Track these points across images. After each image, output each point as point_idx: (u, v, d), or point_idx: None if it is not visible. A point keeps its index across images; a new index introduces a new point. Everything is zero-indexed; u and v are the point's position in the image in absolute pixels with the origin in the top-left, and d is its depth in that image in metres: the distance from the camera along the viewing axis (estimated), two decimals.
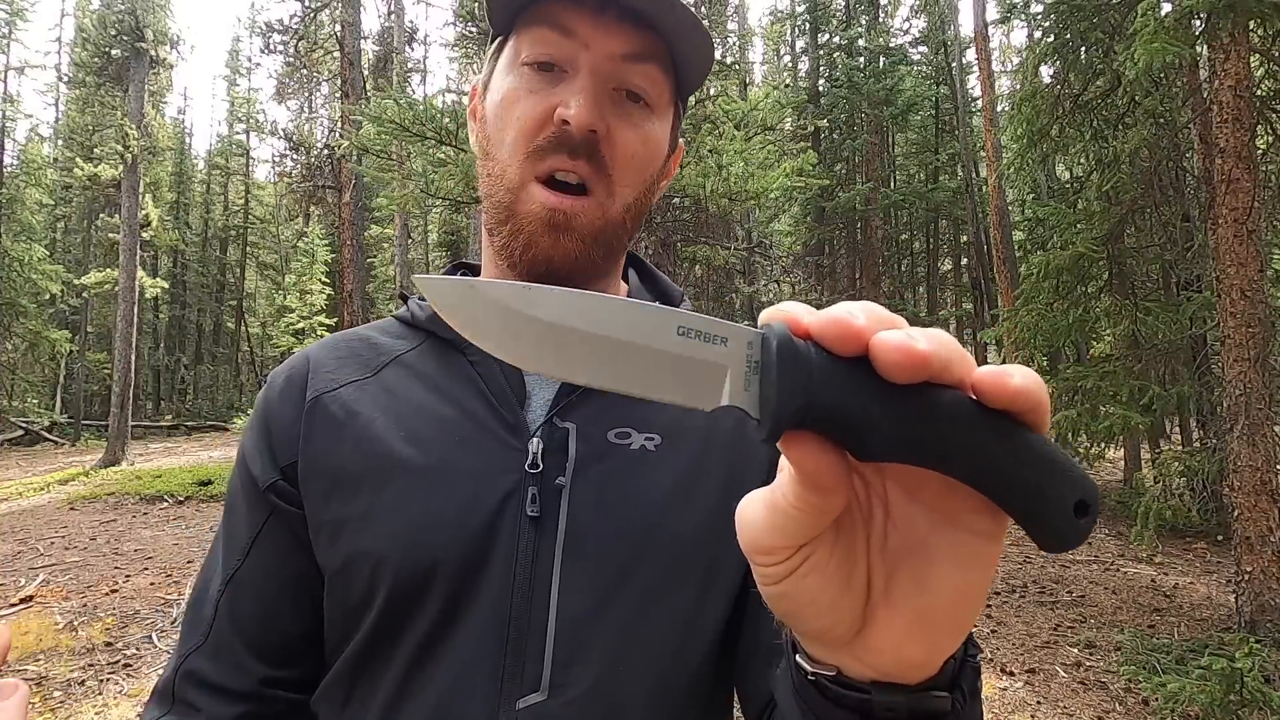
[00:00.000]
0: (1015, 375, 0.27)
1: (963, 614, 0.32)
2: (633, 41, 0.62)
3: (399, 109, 5.75)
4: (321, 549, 0.63)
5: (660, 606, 0.59)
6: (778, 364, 0.28)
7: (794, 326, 0.29)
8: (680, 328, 0.30)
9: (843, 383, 0.28)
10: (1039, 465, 0.28)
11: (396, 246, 16.80)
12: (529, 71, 0.63)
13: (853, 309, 0.29)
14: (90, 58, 15.23)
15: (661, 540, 0.60)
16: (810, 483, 0.29)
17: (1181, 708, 3.44)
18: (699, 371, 0.30)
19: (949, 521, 0.31)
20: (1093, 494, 0.28)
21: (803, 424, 0.28)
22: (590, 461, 0.62)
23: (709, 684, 0.62)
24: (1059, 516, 0.28)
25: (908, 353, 0.26)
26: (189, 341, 27.95)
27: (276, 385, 0.69)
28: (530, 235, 0.63)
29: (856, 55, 16.36)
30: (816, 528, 0.31)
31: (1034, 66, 6.65)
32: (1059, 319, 6.27)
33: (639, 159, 0.65)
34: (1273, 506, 4.26)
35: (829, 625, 0.33)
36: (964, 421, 0.27)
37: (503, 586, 0.58)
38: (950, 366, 0.28)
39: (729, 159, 6.09)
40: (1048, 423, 0.29)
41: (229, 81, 31.04)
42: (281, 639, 0.64)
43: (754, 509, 0.32)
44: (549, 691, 0.56)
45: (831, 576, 0.32)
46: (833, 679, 0.35)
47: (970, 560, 0.31)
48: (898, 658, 0.33)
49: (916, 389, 0.27)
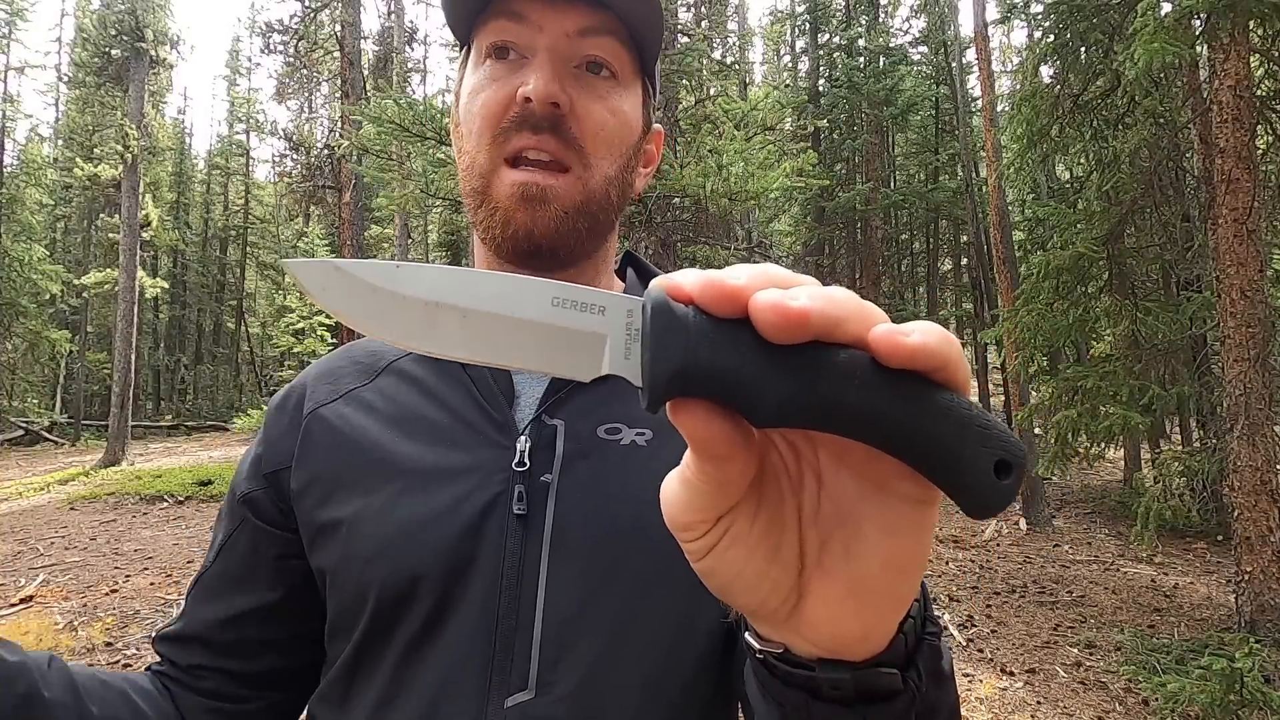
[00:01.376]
0: (913, 332, 0.26)
1: (897, 584, 0.31)
2: (585, 17, 0.63)
3: (399, 109, 5.75)
4: (318, 552, 0.65)
5: (650, 604, 0.59)
6: (652, 328, 0.27)
7: (673, 292, 0.28)
8: (556, 299, 0.29)
9: (721, 345, 0.27)
10: (949, 425, 0.26)
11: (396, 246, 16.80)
12: (490, 62, 0.65)
13: (735, 270, 0.28)
14: (90, 58, 15.24)
15: (650, 537, 0.59)
16: (703, 451, 0.28)
17: (1181, 708, 3.44)
18: (576, 341, 0.29)
19: (876, 488, 0.30)
20: (1015, 453, 0.26)
21: (685, 390, 0.27)
22: (578, 458, 0.62)
23: (707, 685, 0.61)
24: (977, 478, 0.26)
25: (782, 311, 0.25)
26: (189, 341, 27.94)
27: (278, 399, 0.73)
28: (507, 212, 0.63)
29: (856, 55, 16.36)
30: (726, 498, 0.30)
31: (1034, 66, 6.65)
32: (1059, 319, 6.27)
33: (609, 129, 0.65)
34: (1273, 506, 4.26)
35: (762, 599, 0.32)
36: (858, 382, 0.26)
37: (490, 585, 0.58)
38: (844, 324, 0.26)
39: (729, 159, 6.08)
40: (964, 380, 0.27)
41: (229, 81, 31.05)
42: (225, 638, 0.69)
43: (670, 486, 0.32)
44: (536, 690, 0.56)
45: (754, 548, 0.31)
46: (780, 657, 0.35)
47: (899, 527, 0.30)
48: (834, 631, 0.32)
49: (805, 349, 0.26)
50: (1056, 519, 8.48)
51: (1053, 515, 8.43)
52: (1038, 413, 6.74)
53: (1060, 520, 8.57)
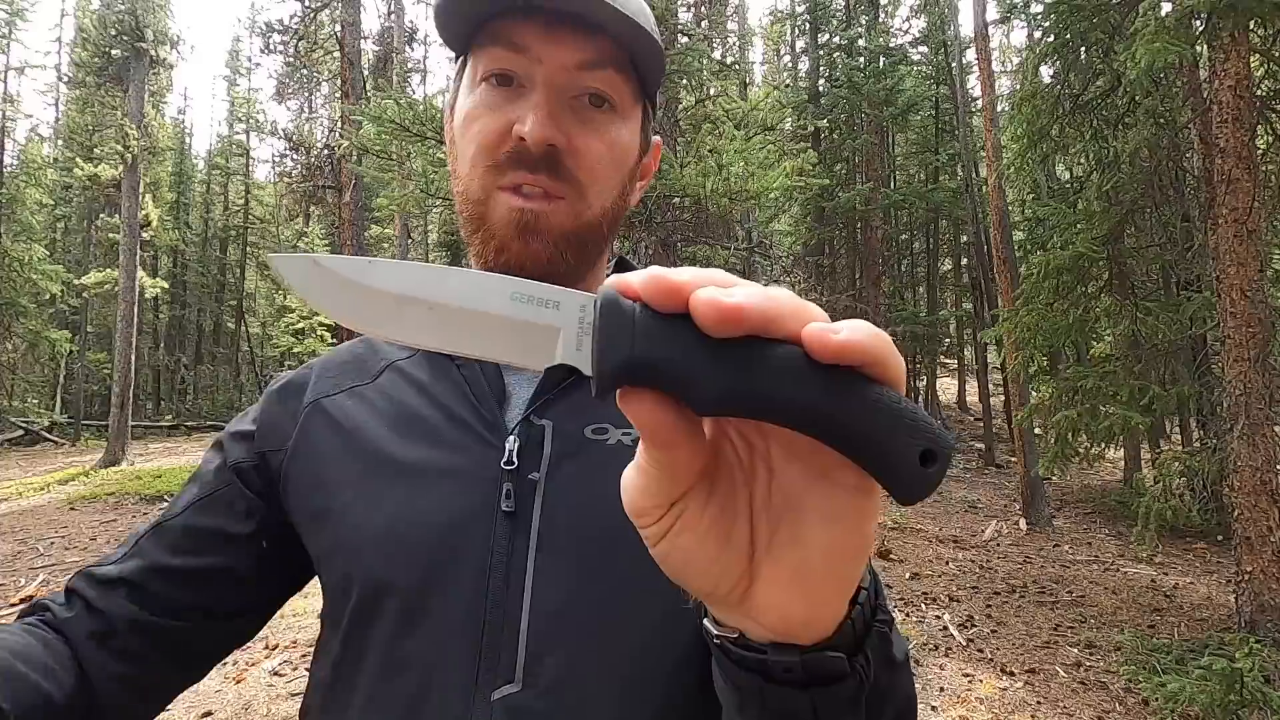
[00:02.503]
0: (841, 330, 0.28)
1: (839, 569, 0.33)
2: (586, 50, 0.63)
3: (399, 109, 5.76)
4: (309, 537, 0.66)
5: (635, 599, 0.59)
6: (600, 321, 0.30)
7: (622, 289, 0.30)
8: (515, 294, 0.32)
9: (664, 338, 0.29)
10: (878, 417, 0.28)
11: (396, 246, 16.81)
12: (487, 87, 0.65)
13: (681, 270, 0.30)
14: (90, 58, 15.23)
15: (635, 533, 0.59)
16: (650, 439, 0.30)
17: (1181, 708, 3.45)
18: (532, 333, 0.32)
19: (820, 477, 0.32)
20: (940, 443, 0.28)
21: (632, 380, 0.29)
22: (565, 457, 0.63)
23: (691, 678, 0.61)
24: (904, 467, 0.28)
25: (718, 307, 0.27)
26: (189, 341, 27.94)
27: (279, 384, 0.74)
28: (501, 240, 0.64)
29: (856, 55, 16.35)
30: (675, 484, 0.32)
31: (1034, 66, 6.65)
32: (1059, 319, 6.27)
33: (606, 163, 0.66)
34: (1273, 506, 4.26)
35: (713, 584, 0.34)
36: (791, 375, 0.28)
37: (477, 581, 0.59)
38: (778, 321, 0.28)
39: (729, 159, 6.09)
40: (896, 375, 0.29)
41: (229, 81, 31.06)
42: (174, 595, 0.65)
43: (628, 473, 0.34)
44: (523, 683, 0.57)
45: (705, 534, 0.33)
46: (735, 641, 0.36)
47: (840, 513, 0.32)
48: (782, 614, 0.34)
49: (741, 343, 0.28)
50: (1056, 519, 8.49)
51: (1053, 515, 8.44)
52: (1038, 413, 6.73)
53: (1060, 520, 8.58)
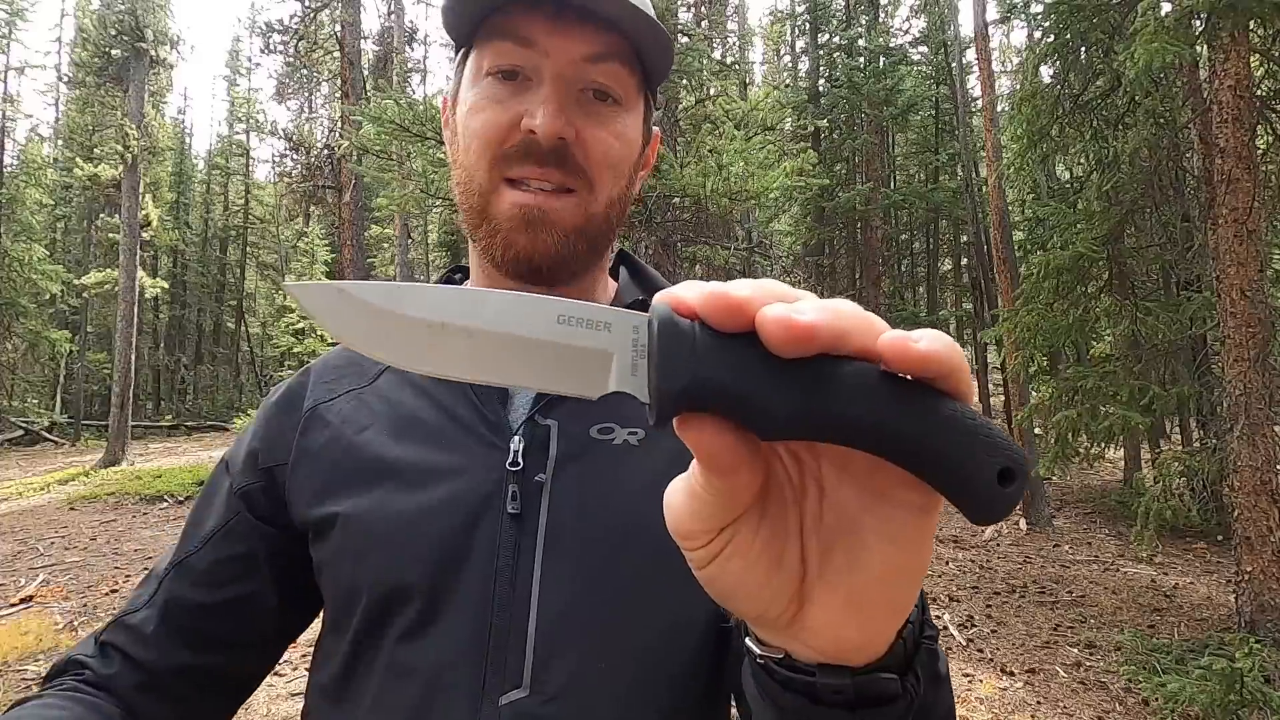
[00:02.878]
0: (921, 340, 0.26)
1: (897, 592, 0.32)
2: (593, 43, 0.62)
3: (399, 109, 5.75)
4: (315, 547, 0.65)
5: (642, 602, 0.59)
6: (658, 344, 0.27)
7: (678, 306, 0.28)
8: (561, 316, 0.29)
9: (728, 360, 0.27)
10: (955, 434, 0.26)
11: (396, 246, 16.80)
12: (493, 81, 0.64)
13: (739, 284, 0.28)
14: (90, 58, 15.22)
15: (642, 535, 0.60)
16: (710, 465, 0.29)
17: (1181, 708, 3.45)
18: (583, 359, 0.29)
19: (878, 497, 0.30)
20: (1018, 461, 0.27)
21: (692, 405, 0.27)
22: (571, 458, 0.62)
23: (698, 682, 0.61)
24: (981, 486, 0.27)
25: (789, 326, 0.26)
26: (189, 341, 27.94)
27: (275, 395, 0.73)
28: (507, 234, 0.63)
29: (856, 55, 16.35)
30: (730, 510, 0.30)
31: (1034, 66, 6.65)
32: (1059, 319, 6.26)
33: (614, 155, 0.65)
34: (1273, 506, 4.26)
35: (764, 607, 0.33)
36: (866, 393, 0.26)
37: (484, 584, 0.58)
38: (848, 336, 0.26)
39: (729, 159, 6.09)
40: (969, 388, 0.28)
41: (229, 81, 31.05)
42: (210, 633, 0.67)
43: (674, 494, 0.32)
44: (530, 688, 0.56)
45: (757, 558, 0.32)
46: (780, 662, 0.35)
47: (900, 535, 0.30)
48: (835, 637, 0.33)
49: (811, 362, 0.26)
50: (1056, 519, 8.48)
51: (1053, 515, 8.43)
52: (1038, 413, 6.73)
53: (1060, 520, 8.57)
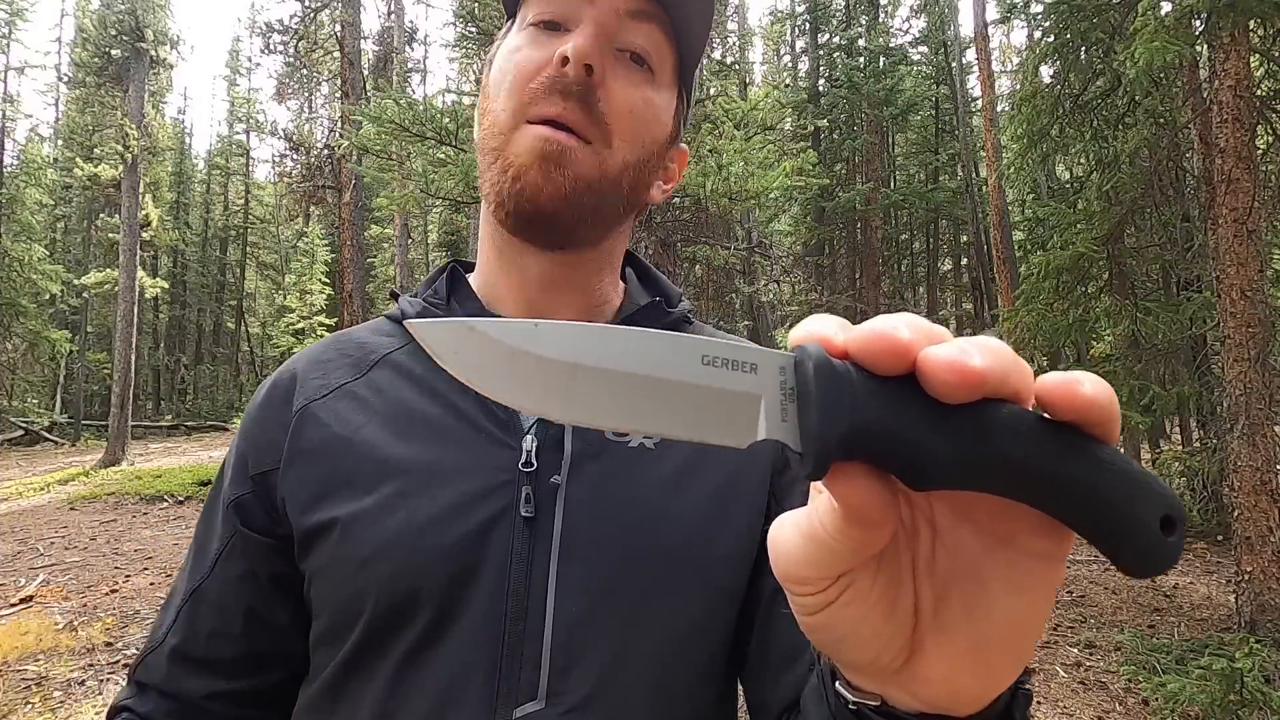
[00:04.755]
0: (1085, 383, 0.25)
1: (1021, 642, 0.30)
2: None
3: (399, 109, 5.75)
4: (308, 556, 0.62)
5: (660, 607, 0.57)
6: (815, 389, 0.25)
7: (829, 347, 0.26)
8: (705, 357, 0.27)
9: (889, 406, 0.25)
10: (1117, 481, 0.25)
11: (396, 246, 16.80)
12: (534, 30, 0.63)
13: (894, 322, 0.26)
14: (90, 58, 15.22)
15: (659, 538, 0.58)
16: (855, 517, 0.27)
17: (1181, 708, 3.44)
18: (730, 404, 0.27)
19: (1003, 543, 0.29)
20: (1178, 509, 0.26)
21: (848, 454, 0.26)
22: (587, 460, 0.60)
23: (714, 689, 0.61)
24: (1145, 536, 0.25)
25: (962, 371, 0.24)
26: (189, 341, 27.94)
27: (262, 395, 0.69)
28: (520, 168, 0.60)
29: (856, 55, 16.34)
30: (857, 560, 0.28)
31: (1034, 66, 6.65)
32: (1059, 319, 6.26)
33: (637, 114, 0.63)
34: (1273, 506, 4.26)
35: (873, 656, 0.31)
36: (1027, 438, 0.25)
37: (496, 591, 0.56)
38: (1008, 379, 0.25)
39: (729, 159, 6.08)
40: (1116, 434, 0.26)
41: (229, 81, 31.06)
42: (235, 654, 0.65)
43: (789, 537, 0.30)
44: (546, 700, 0.54)
45: (874, 606, 0.30)
46: (877, 709, 0.33)
47: (1027, 584, 0.29)
48: (950, 689, 0.31)
49: (972, 407, 0.25)
50: None
51: None
52: None
53: None
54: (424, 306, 0.68)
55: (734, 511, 0.62)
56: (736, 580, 0.61)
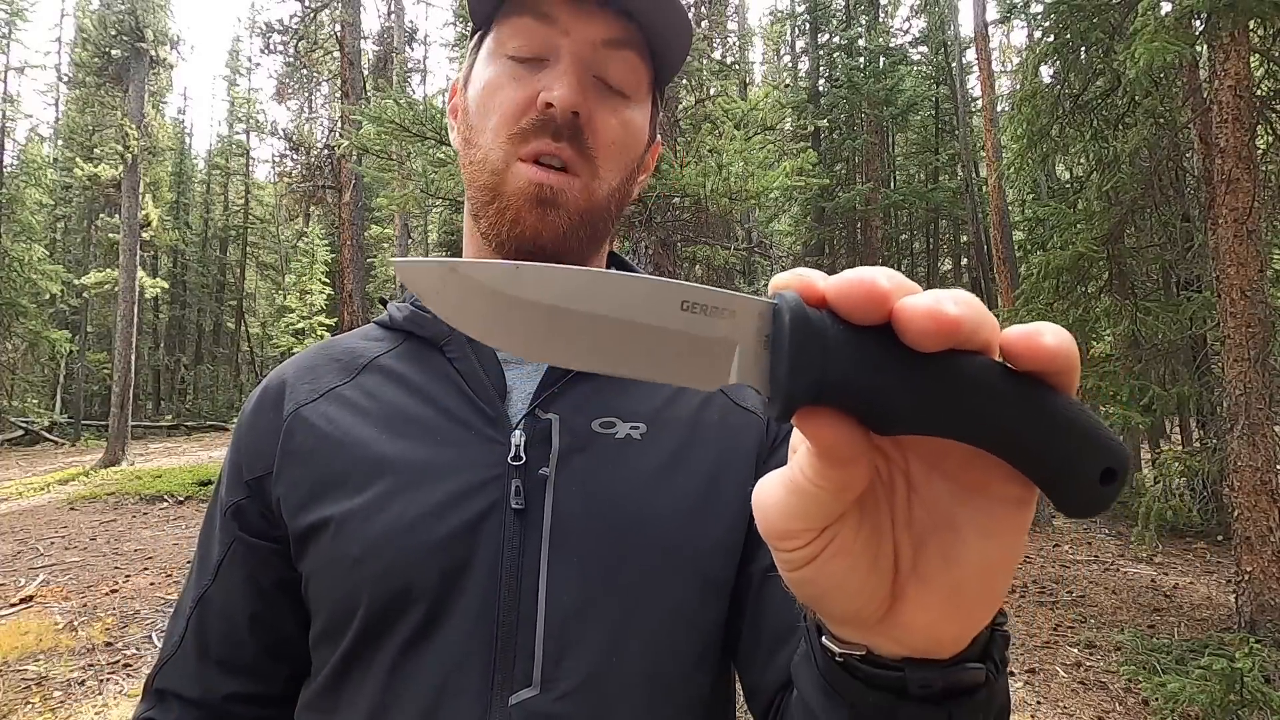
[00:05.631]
0: (1047, 334, 0.26)
1: (995, 585, 0.31)
2: (612, 28, 0.62)
3: (399, 109, 5.75)
4: (303, 557, 0.63)
5: (651, 595, 0.59)
6: (790, 337, 0.26)
7: (807, 293, 0.27)
8: (685, 302, 0.28)
9: (862, 355, 0.26)
10: (1068, 431, 0.26)
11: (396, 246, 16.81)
12: (511, 63, 0.63)
13: (873, 272, 0.26)
14: (90, 58, 15.22)
15: (648, 528, 0.60)
16: (829, 455, 0.28)
17: (1181, 708, 3.44)
18: (705, 349, 0.28)
19: (975, 491, 0.30)
20: (1122, 461, 0.27)
21: (818, 399, 0.26)
22: (574, 452, 0.61)
23: (708, 674, 0.61)
24: (1085, 484, 0.27)
25: (938, 319, 0.25)
26: (189, 341, 27.94)
27: (252, 402, 0.70)
28: (517, 211, 0.62)
29: (856, 55, 16.34)
30: (839, 505, 0.29)
31: (1034, 66, 6.65)
32: (1059, 319, 6.26)
33: (620, 143, 0.65)
34: (1273, 506, 4.26)
35: (859, 607, 0.32)
36: (989, 388, 0.26)
37: (489, 582, 0.57)
38: (979, 330, 0.26)
39: (729, 159, 6.08)
40: (1075, 383, 0.27)
41: (229, 81, 31.05)
42: (246, 656, 0.67)
43: (772, 492, 0.31)
44: (541, 686, 0.55)
45: (858, 557, 0.31)
46: (863, 659, 0.35)
47: (998, 529, 0.30)
48: (931, 634, 0.32)
49: (942, 357, 0.26)
50: (1056, 519, 8.48)
51: (1053, 515, 8.43)
52: None
53: (1060, 520, 8.57)
54: (412, 311, 0.70)
55: (722, 499, 0.63)
56: (727, 568, 0.62)
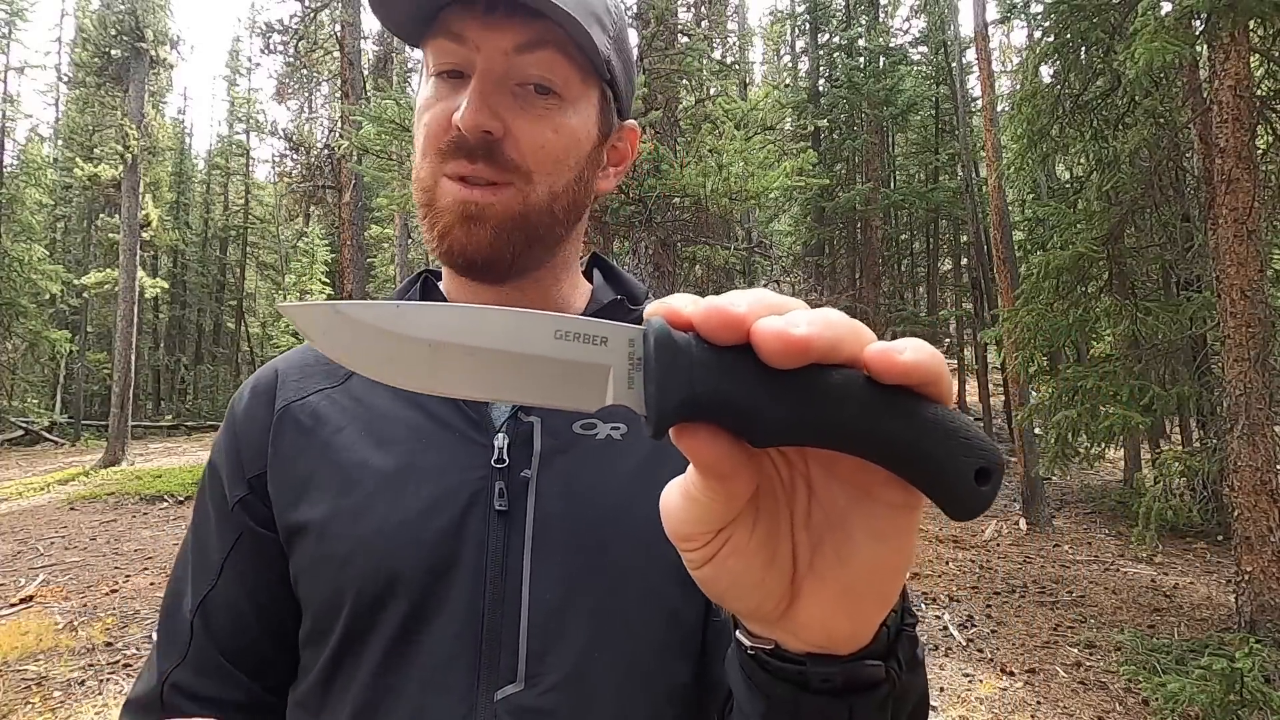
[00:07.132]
0: (904, 350, 0.27)
1: (884, 585, 0.33)
2: (520, 32, 0.61)
3: (399, 109, 5.75)
4: (291, 554, 0.64)
5: (633, 593, 0.60)
6: (656, 359, 0.28)
7: (673, 319, 0.29)
8: (558, 331, 0.30)
9: (724, 373, 0.28)
10: (936, 437, 0.28)
11: (396, 246, 16.81)
12: (439, 80, 0.64)
13: (734, 297, 0.29)
14: (90, 58, 15.21)
15: (629, 527, 0.61)
16: (708, 471, 0.30)
17: (1181, 708, 3.45)
18: (581, 374, 0.30)
19: (864, 496, 0.32)
20: (993, 460, 0.28)
21: (690, 416, 0.28)
22: (556, 453, 0.63)
23: (689, 671, 0.62)
24: (960, 485, 0.28)
25: (786, 339, 0.27)
26: (189, 341, 27.93)
27: (244, 396, 0.70)
28: (447, 227, 0.63)
29: (856, 55, 16.34)
30: (727, 513, 0.32)
31: (1034, 66, 6.65)
32: (1059, 319, 6.26)
33: (551, 147, 0.63)
34: (1273, 506, 4.26)
35: (757, 603, 0.34)
36: (854, 400, 0.28)
37: (474, 582, 0.58)
38: (840, 346, 0.28)
39: (729, 159, 6.09)
40: (949, 391, 0.29)
41: (229, 81, 31.02)
42: (258, 653, 0.66)
43: (671, 499, 0.33)
44: (525, 681, 0.57)
45: (752, 557, 0.33)
46: (771, 653, 0.37)
47: (886, 531, 0.32)
48: (825, 630, 0.34)
49: (803, 372, 0.27)
50: (1056, 519, 8.48)
51: (1053, 515, 8.43)
52: (1038, 413, 6.73)
53: (1060, 520, 8.57)
54: None
55: None
56: None
